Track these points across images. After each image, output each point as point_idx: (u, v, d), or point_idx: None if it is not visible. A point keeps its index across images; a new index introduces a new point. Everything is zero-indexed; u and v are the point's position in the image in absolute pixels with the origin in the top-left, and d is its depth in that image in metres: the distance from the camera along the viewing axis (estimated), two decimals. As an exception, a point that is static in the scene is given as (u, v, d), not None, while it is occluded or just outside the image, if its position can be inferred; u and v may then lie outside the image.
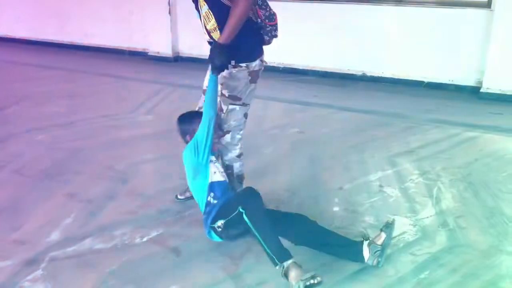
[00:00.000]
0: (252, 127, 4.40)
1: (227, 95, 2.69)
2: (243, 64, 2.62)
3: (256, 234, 2.25)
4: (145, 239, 2.68)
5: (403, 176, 3.50)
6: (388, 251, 2.47)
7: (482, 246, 2.63)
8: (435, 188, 3.30)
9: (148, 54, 7.71)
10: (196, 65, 7.19)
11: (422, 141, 4.18)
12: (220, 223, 2.43)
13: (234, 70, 2.63)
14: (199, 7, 2.61)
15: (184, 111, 2.91)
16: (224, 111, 2.71)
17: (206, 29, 2.63)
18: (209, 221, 2.51)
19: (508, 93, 5.43)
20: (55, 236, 2.71)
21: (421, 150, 3.99)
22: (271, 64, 6.22)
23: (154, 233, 2.74)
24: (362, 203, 3.09)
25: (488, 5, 5.57)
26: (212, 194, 2.54)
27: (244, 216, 2.28)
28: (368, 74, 6.31)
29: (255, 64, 2.66)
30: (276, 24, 2.69)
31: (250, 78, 2.67)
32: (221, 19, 2.48)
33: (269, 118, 4.64)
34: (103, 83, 6.37)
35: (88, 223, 2.86)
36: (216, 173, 2.60)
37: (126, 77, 6.69)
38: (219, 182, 2.58)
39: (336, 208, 3.03)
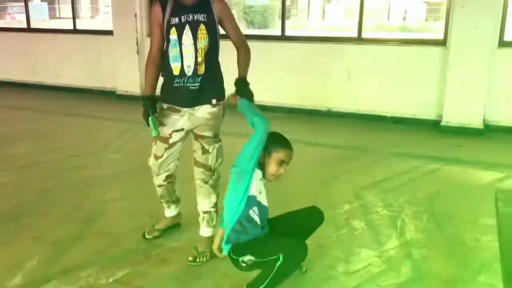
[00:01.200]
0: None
1: (211, 135, 2.77)
2: (222, 102, 2.76)
3: (268, 280, 2.24)
4: (111, 280, 2.65)
5: (368, 209, 3.58)
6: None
7: (445, 276, 2.69)
8: (399, 220, 3.38)
9: (117, 93, 7.73)
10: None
11: (386, 174, 4.29)
12: (248, 258, 2.34)
13: (215, 109, 2.74)
14: (197, 40, 2.60)
15: (151, 149, 2.92)
16: (211, 151, 2.78)
17: (196, 61, 2.62)
18: (241, 238, 2.38)
19: (467, 126, 5.66)
20: (17, 280, 2.64)
21: (385, 182, 4.10)
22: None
23: (120, 273, 2.70)
24: (329, 236, 3.14)
25: (443, 43, 5.86)
26: (256, 209, 2.38)
27: (278, 263, 2.22)
28: (333, 109, 6.48)
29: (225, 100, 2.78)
30: None
31: (223, 113, 2.82)
32: (209, 56, 2.65)
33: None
34: (72, 123, 6.34)
35: (53, 265, 2.80)
36: (262, 194, 2.43)
37: (94, 116, 6.68)
38: (263, 206, 2.44)
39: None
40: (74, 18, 8.43)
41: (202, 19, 2.61)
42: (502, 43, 5.57)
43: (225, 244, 2.42)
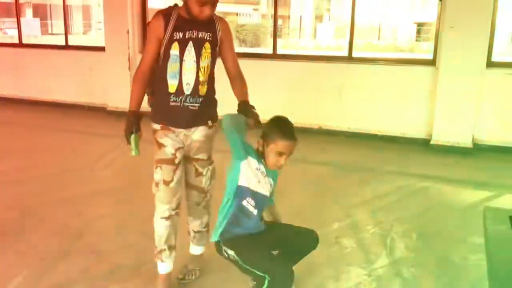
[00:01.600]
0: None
1: (206, 157, 2.67)
2: (216, 123, 2.68)
3: None
4: (99, 298, 2.62)
5: (358, 227, 3.58)
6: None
7: (434, 294, 2.69)
8: (389, 238, 3.38)
9: (107, 109, 7.72)
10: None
11: (376, 192, 4.31)
12: (232, 254, 2.29)
13: (211, 131, 2.65)
14: (200, 58, 2.47)
15: (141, 166, 2.91)
16: (204, 174, 2.69)
17: (198, 81, 2.50)
18: (235, 231, 2.32)
19: (456, 145, 5.71)
20: (3, 297, 2.61)
21: (375, 200, 4.11)
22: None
23: (108, 291, 2.68)
24: (319, 254, 3.10)
25: (433, 63, 5.95)
26: (251, 200, 2.31)
27: (265, 283, 2.18)
28: (324, 127, 6.52)
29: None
30: None
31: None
32: (210, 77, 2.55)
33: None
34: (62, 139, 6.31)
35: (40, 282, 2.76)
36: (262, 183, 2.34)
37: (85, 132, 6.65)
38: (261, 195, 2.35)
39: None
40: (66, 34, 8.45)
41: (208, 38, 2.49)
42: (490, 64, 5.65)
43: (217, 233, 2.35)
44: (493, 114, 5.73)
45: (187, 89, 2.48)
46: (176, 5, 2.52)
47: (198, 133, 2.59)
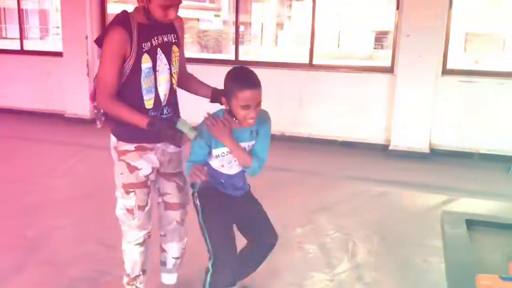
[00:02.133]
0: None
1: (182, 170, 2.50)
2: None
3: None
4: (56, 311, 2.52)
5: (320, 232, 3.60)
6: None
7: (395, 298, 2.74)
8: (351, 243, 3.42)
9: (65, 116, 7.51)
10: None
11: (337, 197, 4.36)
12: (198, 206, 2.29)
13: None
14: (171, 64, 2.29)
15: (101, 173, 2.83)
16: (184, 186, 2.52)
17: (172, 88, 2.34)
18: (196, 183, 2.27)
19: (413, 150, 5.85)
20: (-47, 314, 2.48)
21: (336, 205, 4.15)
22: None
23: (66, 304, 2.59)
24: (282, 260, 3.13)
25: (391, 70, 6.09)
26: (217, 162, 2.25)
27: (208, 277, 2.24)
28: (286, 134, 6.55)
29: None
30: None
31: None
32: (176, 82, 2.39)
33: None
34: (17, 147, 6.07)
35: (-8, 297, 2.65)
36: (226, 167, 2.27)
37: (41, 140, 6.44)
38: (230, 175, 2.30)
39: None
40: (21, 38, 8.19)
41: (173, 40, 2.30)
42: (445, 71, 5.84)
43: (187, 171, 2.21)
44: (448, 120, 5.91)
45: (164, 100, 2.29)
46: (124, 11, 2.22)
47: (172, 146, 2.40)
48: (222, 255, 2.22)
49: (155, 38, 2.22)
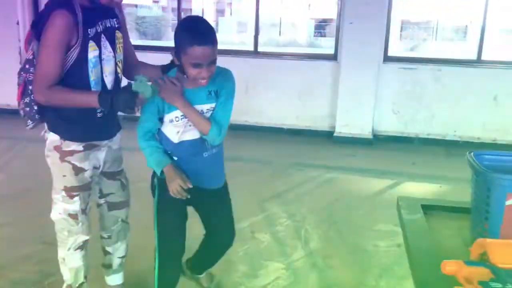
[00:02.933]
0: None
1: (124, 167, 2.44)
2: None
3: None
4: (-4, 318, 2.35)
5: (272, 220, 3.59)
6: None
7: (350, 283, 2.77)
8: (303, 230, 3.43)
9: (-3, 107, 7.05)
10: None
11: (287, 185, 4.36)
12: (154, 186, 2.08)
13: (121, 136, 2.39)
14: (116, 52, 2.10)
15: (39, 167, 2.63)
16: (126, 184, 2.45)
17: (118, 78, 2.15)
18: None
19: (357, 136, 5.97)
20: None
21: (286, 193, 4.16)
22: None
23: (7, 310, 2.41)
24: (236, 251, 3.07)
25: (334, 57, 6.15)
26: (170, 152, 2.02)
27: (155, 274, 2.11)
28: (233, 122, 6.45)
29: None
30: None
31: None
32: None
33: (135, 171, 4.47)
34: None
35: None
36: (181, 132, 2.00)
37: (-31, 133, 6.01)
38: (189, 141, 2.01)
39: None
40: None
41: (116, 25, 2.11)
42: (387, 58, 5.97)
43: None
44: (389, 106, 6.07)
45: (110, 85, 2.10)
46: None
47: (116, 141, 2.29)
48: (167, 249, 2.09)
49: (99, 23, 2.03)
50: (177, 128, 1.98)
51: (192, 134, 2.00)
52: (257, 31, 6.42)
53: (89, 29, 1.98)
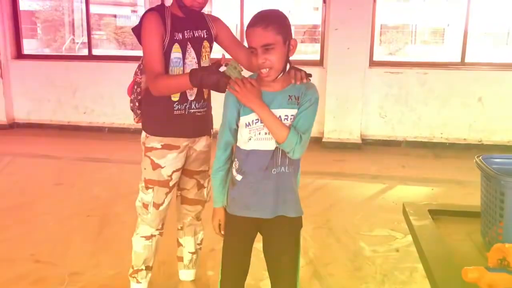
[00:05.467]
0: (111, 193, 4.16)
1: (207, 168, 2.49)
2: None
3: None
4: None
5: (269, 230, 3.54)
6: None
7: (353, 291, 2.75)
8: (301, 238, 3.38)
9: (-22, 122, 6.88)
10: (35, 131, 6.67)
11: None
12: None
13: (211, 139, 2.47)
14: (201, 58, 2.27)
15: (26, 184, 2.56)
16: (206, 185, 2.51)
17: None
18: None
19: (346, 141, 5.99)
20: None
21: (281, 201, 4.11)
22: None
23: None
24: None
25: (320, 63, 6.17)
26: (237, 166, 1.83)
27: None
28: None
29: None
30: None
31: None
32: None
33: (126, 183, 4.41)
34: None
35: None
36: (253, 140, 1.79)
37: (-50, 150, 5.84)
38: (255, 151, 1.79)
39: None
40: None
41: (205, 36, 2.30)
42: (373, 63, 6.02)
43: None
44: (376, 110, 6.11)
45: (191, 95, 2.25)
46: (162, 4, 2.29)
47: (201, 144, 2.40)
48: (228, 271, 1.97)
49: (187, 31, 2.25)
50: (251, 134, 1.78)
51: (265, 145, 1.78)
52: (242, 39, 6.40)
53: (175, 33, 2.20)
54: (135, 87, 2.35)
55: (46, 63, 7.02)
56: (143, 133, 2.36)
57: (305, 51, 14.48)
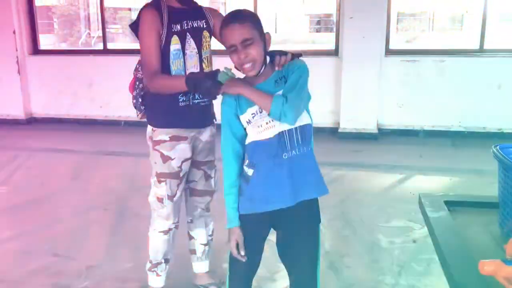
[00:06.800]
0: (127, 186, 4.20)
1: (213, 158, 2.51)
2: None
3: None
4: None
5: (285, 222, 3.53)
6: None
7: (369, 283, 2.72)
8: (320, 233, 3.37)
9: (-4, 118, 6.99)
10: (52, 126, 6.73)
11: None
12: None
13: (215, 129, 2.47)
14: (202, 49, 2.29)
15: (45, 178, 2.59)
16: (213, 176, 2.52)
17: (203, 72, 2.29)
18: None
19: (362, 131, 5.92)
20: None
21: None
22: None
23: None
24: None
25: (336, 53, 6.10)
26: (247, 161, 1.79)
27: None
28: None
29: None
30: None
31: None
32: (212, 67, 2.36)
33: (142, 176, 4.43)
34: None
35: None
36: (263, 127, 1.74)
37: (-30, 145, 5.95)
38: (264, 141, 1.74)
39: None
40: None
41: (204, 26, 2.32)
42: (389, 51, 5.93)
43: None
44: (393, 99, 6.01)
45: None
46: None
47: (206, 134, 2.42)
48: (236, 270, 1.94)
49: (185, 22, 2.25)
50: (254, 129, 1.76)
51: (269, 133, 1.74)
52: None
53: (173, 25, 2.21)
54: (137, 83, 2.36)
55: (62, 58, 7.09)
56: (149, 128, 2.36)
57: (320, 41, 14.36)
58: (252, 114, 1.75)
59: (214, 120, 2.46)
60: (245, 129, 1.78)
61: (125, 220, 3.60)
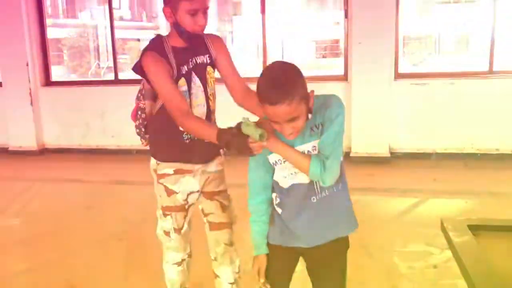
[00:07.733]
0: (141, 215, 4.18)
1: (226, 188, 2.43)
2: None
3: None
4: None
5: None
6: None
7: (391, 310, 2.67)
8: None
9: (9, 149, 7.05)
10: (65, 156, 6.78)
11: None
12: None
13: (223, 158, 2.41)
14: (207, 86, 2.22)
15: (58, 209, 2.58)
16: (228, 205, 2.42)
17: (209, 110, 2.24)
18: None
19: (374, 155, 5.90)
20: None
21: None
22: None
23: None
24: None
25: (345, 78, 6.13)
26: (277, 198, 1.79)
27: None
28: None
29: None
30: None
31: None
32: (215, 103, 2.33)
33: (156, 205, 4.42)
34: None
35: None
36: (288, 179, 1.74)
37: (-16, 177, 5.99)
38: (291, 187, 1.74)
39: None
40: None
41: (207, 61, 2.23)
42: (398, 75, 5.95)
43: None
44: (404, 122, 6.00)
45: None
46: (158, 35, 2.20)
47: (214, 164, 2.34)
48: None
49: (190, 60, 2.18)
50: (283, 171, 1.74)
51: (301, 178, 1.72)
52: (265, 56, 6.43)
53: (181, 67, 2.13)
54: (139, 112, 2.30)
55: (73, 89, 7.19)
56: (153, 160, 2.29)
57: (326, 67, 14.45)
58: (279, 160, 1.71)
59: (221, 150, 2.35)
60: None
61: (141, 249, 3.58)
